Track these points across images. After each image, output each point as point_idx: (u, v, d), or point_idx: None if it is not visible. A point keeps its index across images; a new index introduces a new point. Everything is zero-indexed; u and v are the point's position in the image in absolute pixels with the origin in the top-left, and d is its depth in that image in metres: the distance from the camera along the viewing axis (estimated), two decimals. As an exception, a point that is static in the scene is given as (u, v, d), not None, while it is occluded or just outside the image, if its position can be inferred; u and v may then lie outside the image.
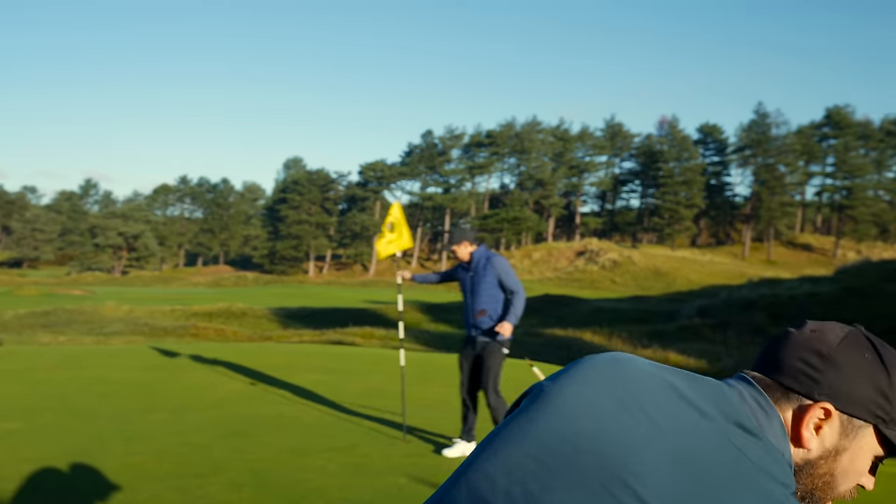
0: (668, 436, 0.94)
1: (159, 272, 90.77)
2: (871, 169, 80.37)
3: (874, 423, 1.05)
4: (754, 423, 1.00)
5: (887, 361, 1.07)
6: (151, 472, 5.28)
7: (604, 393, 1.02)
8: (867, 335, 1.13)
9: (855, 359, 1.07)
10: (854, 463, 1.06)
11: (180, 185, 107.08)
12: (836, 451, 1.06)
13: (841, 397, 1.05)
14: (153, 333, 25.34)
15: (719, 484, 0.90)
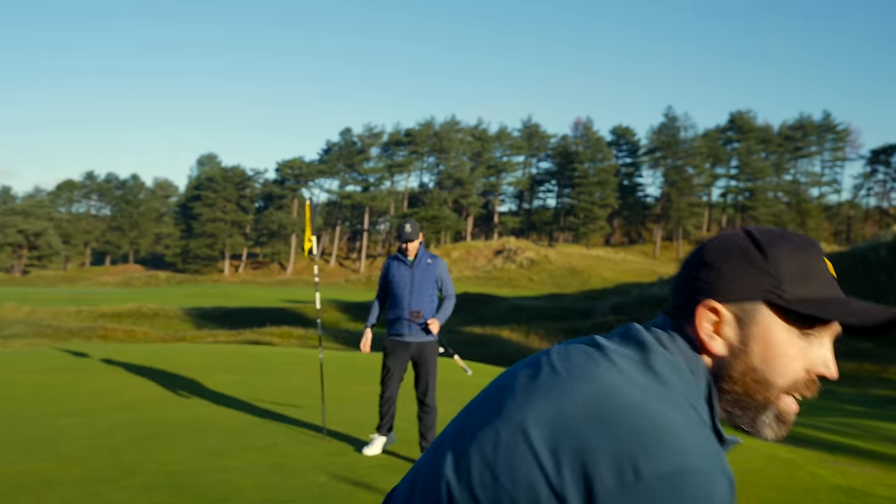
0: (569, 382, 0.97)
1: (64, 272, 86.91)
2: (771, 171, 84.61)
3: (764, 300, 1.01)
4: (650, 356, 1.00)
5: (761, 240, 1.04)
6: (59, 478, 5.06)
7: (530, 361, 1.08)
8: (746, 228, 1.09)
9: (727, 249, 1.05)
10: (770, 349, 1.02)
11: (86, 182, 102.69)
12: (743, 343, 1.02)
13: (721, 289, 1.03)
14: (57, 335, 24.25)
15: (599, 419, 0.92)
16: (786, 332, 1.02)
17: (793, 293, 1.01)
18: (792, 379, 1.03)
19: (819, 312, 1.00)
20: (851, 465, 6.73)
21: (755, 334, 1.02)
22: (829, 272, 1.04)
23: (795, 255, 1.03)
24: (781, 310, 1.01)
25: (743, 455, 6.66)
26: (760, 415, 1.04)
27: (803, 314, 1.01)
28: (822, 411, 12.62)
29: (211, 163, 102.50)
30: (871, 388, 19.05)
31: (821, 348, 1.03)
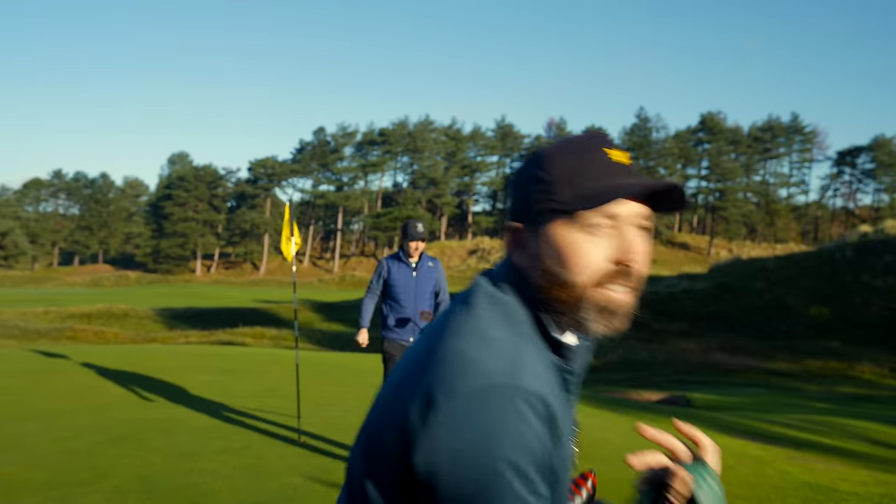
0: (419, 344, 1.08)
1: (31, 272, 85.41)
2: (741, 172, 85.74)
3: (545, 209, 1.07)
4: (470, 295, 1.09)
5: (542, 154, 1.10)
6: (27, 481, 4.97)
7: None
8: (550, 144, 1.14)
9: (521, 173, 1.13)
10: (561, 252, 1.06)
11: (54, 180, 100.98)
12: (540, 250, 1.08)
13: (517, 210, 1.11)
14: (25, 336, 23.84)
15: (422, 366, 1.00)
16: (571, 232, 1.05)
17: (567, 195, 1.05)
18: (593, 272, 1.05)
19: (583, 205, 1.03)
20: (818, 461, 6.85)
21: (546, 241, 1.07)
22: (609, 161, 1.07)
23: (569, 158, 1.07)
24: (560, 213, 1.06)
25: (713, 453, 6.74)
26: (579, 313, 1.07)
27: (572, 209, 1.05)
28: (790, 409, 12.83)
29: (182, 161, 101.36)
30: (836, 386, 19.40)
31: (621, 238, 1.06)
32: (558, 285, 1.06)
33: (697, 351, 26.11)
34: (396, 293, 5.56)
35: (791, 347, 26.00)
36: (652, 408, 11.57)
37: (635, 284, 1.07)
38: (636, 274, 1.07)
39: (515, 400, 0.93)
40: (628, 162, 1.08)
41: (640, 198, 1.06)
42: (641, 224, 1.08)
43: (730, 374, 22.07)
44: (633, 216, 1.06)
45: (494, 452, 0.90)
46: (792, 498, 5.24)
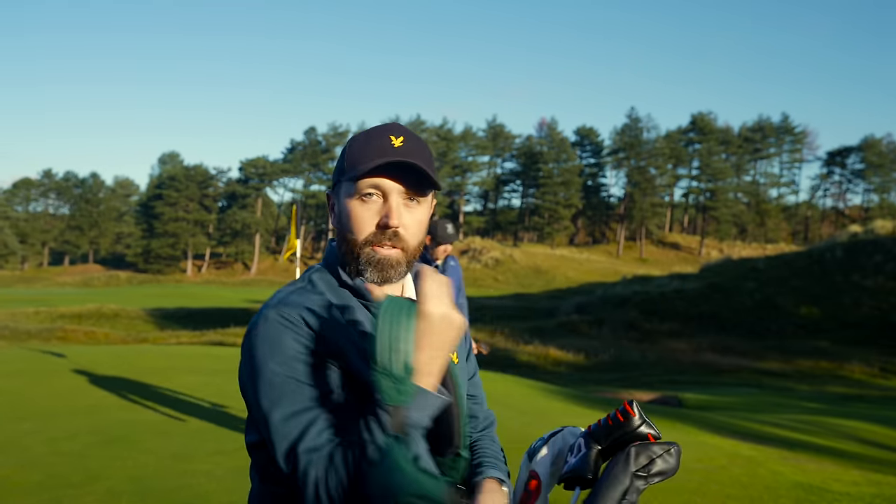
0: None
1: (21, 271, 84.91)
2: (731, 173, 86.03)
3: (339, 179, 1.45)
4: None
5: (351, 138, 1.47)
6: (19, 483, 4.95)
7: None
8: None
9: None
10: (344, 212, 1.42)
11: (44, 180, 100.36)
12: (337, 213, 1.46)
13: (332, 182, 1.50)
14: (15, 337, 23.69)
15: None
16: (350, 200, 1.41)
17: (349, 171, 1.41)
18: (364, 232, 1.40)
19: (350, 176, 1.39)
20: (810, 461, 6.89)
21: (340, 206, 1.45)
22: (386, 144, 1.39)
23: (360, 141, 1.43)
24: (346, 183, 1.42)
25: (706, 454, 6.78)
26: (356, 264, 1.42)
27: (352, 181, 1.40)
28: (782, 409, 12.90)
29: (173, 161, 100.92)
30: (827, 386, 19.50)
31: (384, 205, 1.40)
32: (342, 240, 1.44)
33: (688, 351, 26.20)
34: None
35: (782, 347, 26.12)
36: (644, 408, 11.59)
37: (400, 245, 1.41)
38: (399, 235, 1.40)
39: (269, 314, 1.33)
40: (399, 145, 1.40)
41: (390, 172, 1.38)
42: (406, 196, 1.41)
43: (721, 374, 22.16)
44: (395, 189, 1.40)
45: (252, 350, 1.32)
46: (784, 498, 5.27)
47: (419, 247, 1.46)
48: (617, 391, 16.28)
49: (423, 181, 1.40)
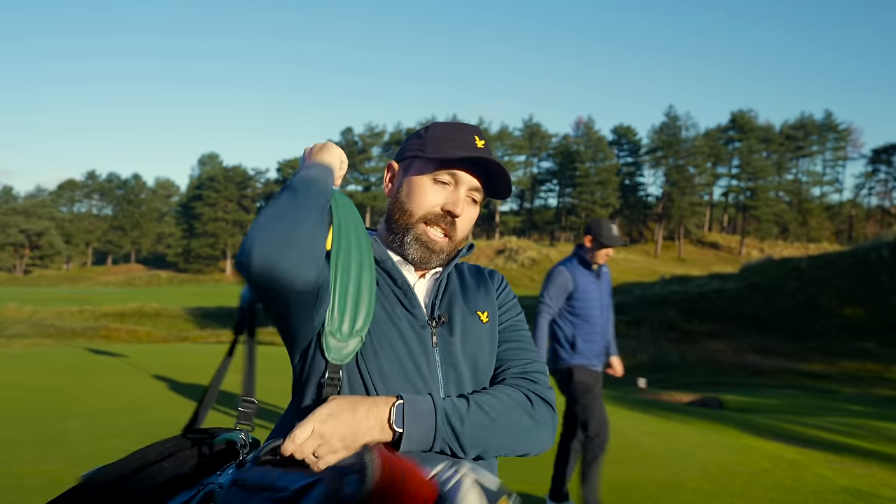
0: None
1: (66, 271, 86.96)
2: (772, 171, 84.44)
3: (414, 156, 1.51)
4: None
5: (433, 123, 1.54)
6: (67, 480, 5.04)
7: None
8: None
9: (412, 133, 1.57)
10: (412, 187, 1.50)
11: (88, 181, 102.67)
12: (401, 185, 1.54)
13: (398, 155, 1.58)
14: (60, 335, 24.28)
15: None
16: (423, 177, 1.50)
17: (430, 150, 1.49)
18: (425, 209, 1.48)
19: (430, 154, 1.47)
20: (857, 466, 6.73)
21: (408, 179, 1.52)
22: (471, 142, 1.51)
23: (444, 129, 1.52)
24: (423, 161, 1.50)
25: (749, 457, 6.67)
26: (405, 237, 1.49)
27: (435, 163, 1.48)
28: (826, 411, 12.62)
29: (212, 162, 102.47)
30: (873, 388, 19.03)
31: (453, 193, 1.49)
32: (399, 211, 1.50)
33: (728, 352, 25.79)
34: (584, 308, 4.61)
35: (825, 349, 25.56)
36: (684, 409, 11.46)
37: (451, 233, 1.49)
38: (454, 225, 1.49)
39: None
40: (481, 147, 1.53)
41: (471, 168, 1.49)
42: (472, 193, 1.51)
43: (762, 375, 21.76)
44: (468, 183, 1.50)
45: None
46: (831, 503, 5.16)
47: (462, 242, 1.54)
48: (657, 392, 16.09)
49: (491, 185, 1.52)
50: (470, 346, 1.48)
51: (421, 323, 1.45)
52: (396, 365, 1.39)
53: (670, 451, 6.71)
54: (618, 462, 6.15)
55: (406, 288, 1.46)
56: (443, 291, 1.53)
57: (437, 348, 1.44)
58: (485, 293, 1.61)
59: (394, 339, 1.40)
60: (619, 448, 6.74)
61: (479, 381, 1.49)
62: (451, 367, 1.44)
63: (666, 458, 6.42)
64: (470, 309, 1.53)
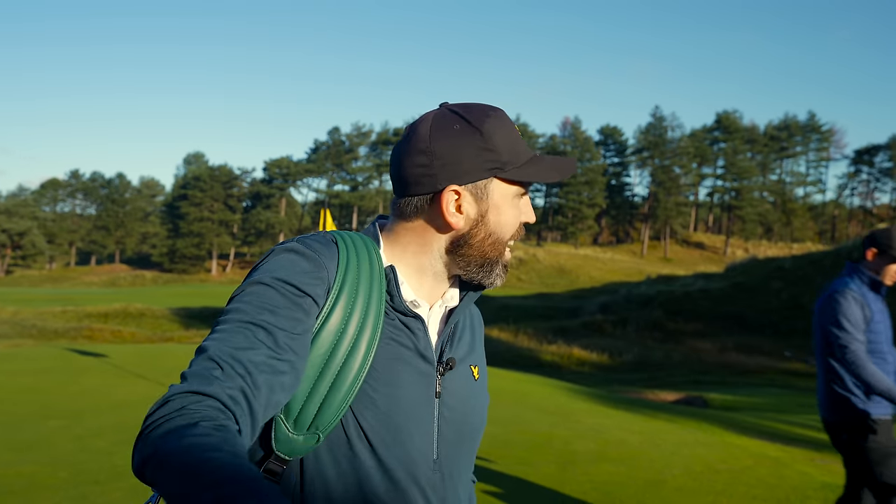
0: None
1: (48, 271, 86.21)
2: (757, 171, 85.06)
3: (492, 175, 1.21)
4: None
5: (474, 122, 1.20)
6: (47, 481, 5.02)
7: None
8: (451, 108, 1.24)
9: (449, 138, 1.20)
10: (501, 215, 1.23)
11: (71, 180, 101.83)
12: (482, 215, 1.22)
13: (458, 174, 1.19)
14: (43, 336, 24.07)
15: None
16: (509, 198, 1.24)
17: (510, 164, 1.21)
18: (512, 234, 1.26)
19: (531, 177, 1.21)
20: (838, 463, 6.77)
21: (490, 205, 1.22)
22: (521, 138, 1.25)
23: (501, 128, 1.21)
24: (506, 180, 1.22)
25: (732, 454, 6.70)
26: (494, 268, 1.26)
27: (522, 181, 1.22)
28: (808, 409, 12.72)
29: (198, 162, 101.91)
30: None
31: (525, 201, 1.28)
32: (493, 244, 1.24)
33: (713, 351, 25.94)
34: (877, 341, 3.56)
35: (808, 348, 25.67)
36: (668, 408, 11.51)
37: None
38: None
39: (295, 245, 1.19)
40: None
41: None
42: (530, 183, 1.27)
43: (746, 374, 21.91)
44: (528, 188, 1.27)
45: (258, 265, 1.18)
46: (812, 500, 5.19)
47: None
48: (641, 391, 16.16)
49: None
50: (466, 401, 1.29)
51: (429, 368, 1.23)
52: (393, 420, 1.17)
53: (655, 450, 6.73)
54: (602, 460, 6.17)
55: (421, 325, 1.23)
56: (458, 333, 1.32)
57: (439, 399, 1.24)
58: (480, 343, 1.40)
59: (395, 386, 1.18)
60: (604, 447, 6.76)
61: (472, 446, 1.32)
62: (449, 424, 1.25)
63: (650, 456, 6.44)
64: (468, 358, 1.33)
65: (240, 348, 1.03)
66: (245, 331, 1.05)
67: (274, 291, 1.10)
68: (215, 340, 1.04)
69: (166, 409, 0.95)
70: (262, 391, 1.03)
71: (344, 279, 1.17)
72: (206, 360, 1.01)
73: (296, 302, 1.10)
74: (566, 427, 7.77)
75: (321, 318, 1.13)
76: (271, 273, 1.12)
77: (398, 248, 1.27)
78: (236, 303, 1.10)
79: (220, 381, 0.99)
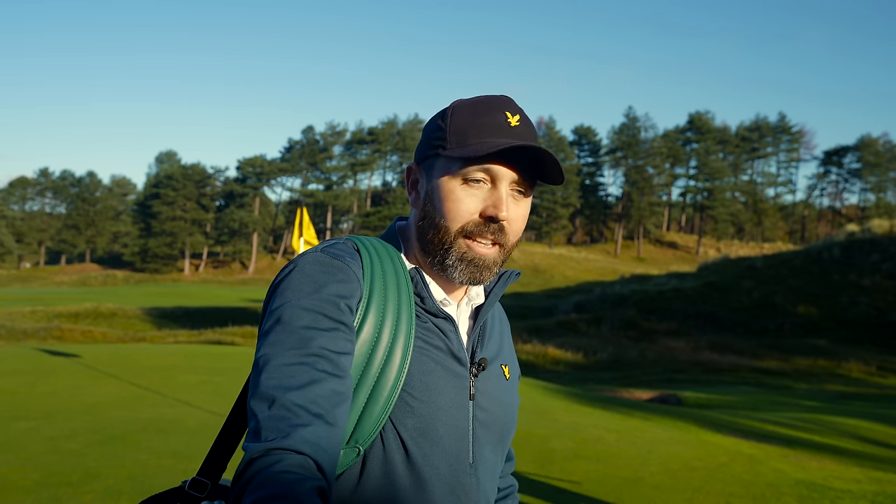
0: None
1: (17, 271, 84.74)
2: (729, 172, 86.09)
3: (435, 154, 1.17)
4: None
5: (451, 106, 1.20)
6: (18, 482, 4.92)
7: None
8: (462, 100, 1.22)
9: (432, 120, 1.22)
10: (445, 199, 1.16)
11: (40, 179, 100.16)
12: (427, 194, 1.20)
13: (417, 154, 1.23)
14: (11, 336, 23.65)
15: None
16: (452, 180, 1.16)
17: (453, 144, 1.15)
18: (462, 221, 1.16)
19: (457, 153, 1.13)
20: (811, 459, 6.88)
21: (433, 185, 1.18)
22: (503, 122, 1.16)
23: (468, 112, 1.17)
24: (447, 160, 1.16)
25: (707, 452, 6.76)
26: (445, 258, 1.18)
27: (460, 161, 1.14)
28: (781, 407, 12.89)
29: (170, 160, 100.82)
30: (825, 384, 19.52)
31: (492, 193, 1.16)
32: (431, 227, 1.18)
33: (687, 350, 26.20)
34: None
35: (780, 346, 26.13)
36: (643, 406, 11.60)
37: (501, 241, 1.17)
38: (503, 230, 1.17)
39: (319, 255, 1.15)
40: (515, 125, 1.16)
41: (508, 157, 1.14)
42: (516, 187, 1.17)
43: (719, 372, 22.16)
44: (508, 176, 1.15)
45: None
46: (787, 496, 5.25)
47: (515, 246, 1.25)
48: (616, 389, 16.27)
49: (540, 171, 1.18)
50: (499, 403, 1.26)
51: (462, 370, 1.19)
52: (431, 426, 1.13)
53: (631, 448, 6.77)
54: (580, 458, 6.19)
55: (452, 326, 1.20)
56: (488, 332, 1.28)
57: (473, 402, 1.20)
58: (508, 341, 1.37)
59: (432, 391, 1.14)
60: (581, 445, 6.79)
61: (504, 447, 1.28)
62: (483, 427, 1.21)
63: (627, 454, 6.48)
64: (498, 357, 1.29)
65: (305, 385, 0.99)
66: (304, 365, 1.01)
67: (317, 313, 1.05)
68: (275, 380, 0.99)
69: (249, 474, 0.91)
70: (340, 422, 1.00)
71: (372, 287, 1.13)
72: (279, 408, 0.96)
73: (340, 319, 1.07)
74: (543, 425, 7.79)
75: (355, 329, 1.10)
76: (306, 291, 1.08)
77: (413, 246, 1.24)
78: (280, 332, 1.04)
79: (300, 428, 0.95)
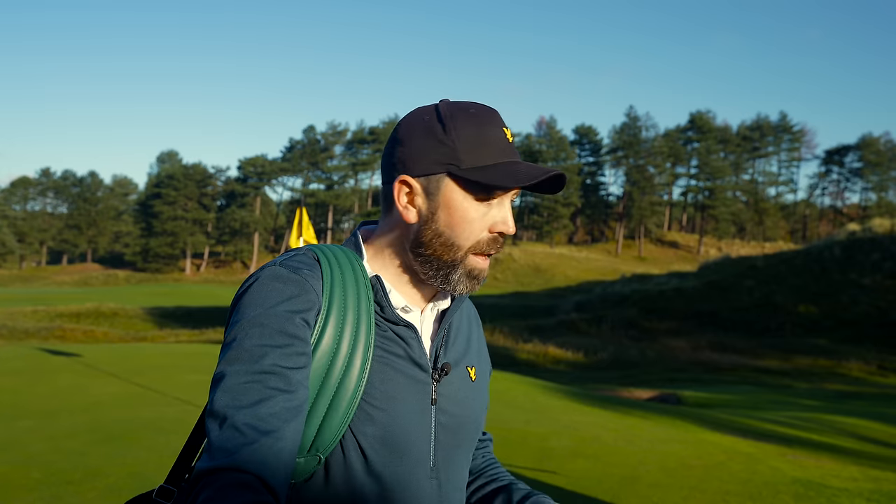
0: None
1: (19, 271, 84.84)
2: (730, 171, 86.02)
3: (445, 172, 1.13)
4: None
5: (445, 115, 1.15)
6: (19, 481, 4.96)
7: None
8: (441, 102, 1.19)
9: (414, 126, 1.16)
10: (454, 216, 1.15)
11: (42, 178, 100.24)
12: (431, 213, 1.15)
13: (411, 165, 1.15)
14: (13, 336, 23.72)
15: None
16: (466, 199, 1.14)
17: (468, 163, 1.12)
18: (475, 240, 1.16)
19: (485, 179, 1.11)
20: (809, 458, 6.91)
21: (441, 203, 1.15)
22: (505, 139, 1.16)
23: (473, 126, 1.14)
24: (460, 179, 1.13)
25: (705, 450, 6.79)
26: (451, 273, 1.17)
27: (485, 186, 1.13)
28: (780, 406, 12.92)
29: (171, 160, 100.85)
30: (825, 383, 19.53)
31: (500, 209, 1.16)
32: (443, 245, 1.16)
33: (687, 349, 26.23)
34: None
35: (780, 345, 26.15)
36: (643, 405, 11.63)
37: (497, 251, 1.19)
38: (502, 243, 1.19)
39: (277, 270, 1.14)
40: (511, 140, 1.17)
41: (535, 183, 1.12)
42: (513, 198, 1.19)
43: (720, 371, 22.19)
44: (512, 192, 1.17)
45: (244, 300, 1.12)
46: (784, 494, 5.29)
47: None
48: (616, 389, 16.30)
49: (547, 189, 1.17)
50: (463, 405, 1.24)
51: (424, 376, 1.19)
52: (391, 433, 1.13)
53: (629, 446, 6.80)
54: (578, 457, 6.22)
55: (413, 332, 1.19)
56: (453, 335, 1.27)
57: (436, 406, 1.19)
58: (477, 340, 1.35)
59: (392, 399, 1.14)
60: (580, 443, 6.82)
61: (470, 448, 1.28)
62: (446, 431, 1.21)
63: (625, 452, 6.51)
64: (464, 359, 1.28)
65: (255, 403, 1.00)
66: (255, 383, 1.01)
67: (271, 329, 1.05)
68: (227, 398, 1.00)
69: (196, 490, 0.95)
70: (291, 437, 1.01)
71: (331, 297, 1.13)
72: (228, 428, 0.98)
73: (294, 334, 1.07)
74: (542, 424, 7.82)
75: (314, 341, 1.10)
76: (262, 307, 1.08)
77: (381, 253, 1.22)
78: (235, 349, 1.05)
79: (246, 447, 0.96)
